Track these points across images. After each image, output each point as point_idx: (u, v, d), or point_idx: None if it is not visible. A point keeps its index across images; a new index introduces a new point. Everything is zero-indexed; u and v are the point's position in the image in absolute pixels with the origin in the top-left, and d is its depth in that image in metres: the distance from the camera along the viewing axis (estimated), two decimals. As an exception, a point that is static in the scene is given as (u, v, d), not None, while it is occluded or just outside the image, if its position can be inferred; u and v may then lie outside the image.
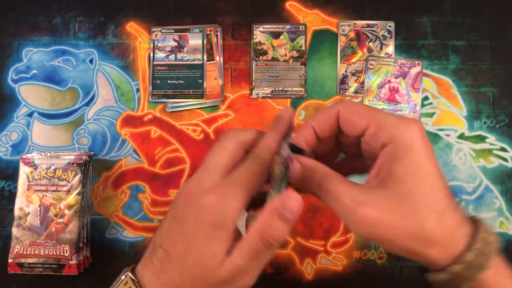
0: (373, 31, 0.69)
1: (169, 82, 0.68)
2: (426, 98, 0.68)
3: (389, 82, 0.68)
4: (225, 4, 0.70)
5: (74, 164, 0.61)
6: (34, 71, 0.69)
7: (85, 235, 0.62)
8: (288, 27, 0.70)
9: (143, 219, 0.66)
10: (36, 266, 0.59)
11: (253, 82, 0.69)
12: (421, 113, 0.68)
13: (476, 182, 0.66)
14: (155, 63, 0.69)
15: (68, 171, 0.61)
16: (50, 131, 0.68)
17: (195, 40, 0.69)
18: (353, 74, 0.69)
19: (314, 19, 0.70)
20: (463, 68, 0.68)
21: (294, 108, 0.68)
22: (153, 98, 0.68)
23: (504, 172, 0.66)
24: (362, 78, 0.69)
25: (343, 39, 0.69)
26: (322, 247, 0.65)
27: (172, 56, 0.69)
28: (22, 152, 0.67)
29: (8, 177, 0.67)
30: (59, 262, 0.59)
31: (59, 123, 0.68)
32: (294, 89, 0.69)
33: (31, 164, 0.61)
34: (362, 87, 0.68)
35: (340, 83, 0.69)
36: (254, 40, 0.69)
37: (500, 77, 0.68)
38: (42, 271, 0.59)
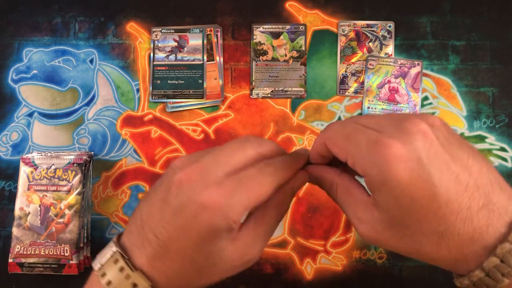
0: (373, 31, 0.69)
1: (169, 82, 0.69)
2: (426, 98, 0.68)
3: (389, 82, 0.68)
4: (225, 4, 0.70)
5: (75, 164, 0.61)
6: (35, 71, 0.69)
7: (85, 235, 0.62)
8: (288, 27, 0.70)
9: (143, 219, 0.66)
10: (37, 266, 0.59)
11: (253, 82, 0.69)
12: (420, 113, 0.68)
13: (476, 182, 0.66)
14: (155, 63, 0.69)
15: (69, 171, 0.61)
16: (50, 131, 0.68)
17: (195, 40, 0.69)
18: (353, 74, 0.69)
19: (314, 19, 0.70)
20: (463, 68, 0.69)
21: (294, 108, 0.68)
22: (153, 98, 0.68)
23: (504, 172, 0.66)
24: (362, 78, 0.69)
25: (343, 39, 0.69)
26: (322, 247, 0.65)
27: (172, 56, 0.69)
28: (22, 152, 0.67)
29: (9, 177, 0.67)
30: (59, 262, 0.59)
31: (59, 123, 0.68)
32: (294, 89, 0.69)
33: (32, 164, 0.61)
34: (362, 87, 0.69)
35: (340, 83, 0.69)
36: (254, 40, 0.70)
37: (499, 77, 0.68)
38: (42, 271, 0.59)
